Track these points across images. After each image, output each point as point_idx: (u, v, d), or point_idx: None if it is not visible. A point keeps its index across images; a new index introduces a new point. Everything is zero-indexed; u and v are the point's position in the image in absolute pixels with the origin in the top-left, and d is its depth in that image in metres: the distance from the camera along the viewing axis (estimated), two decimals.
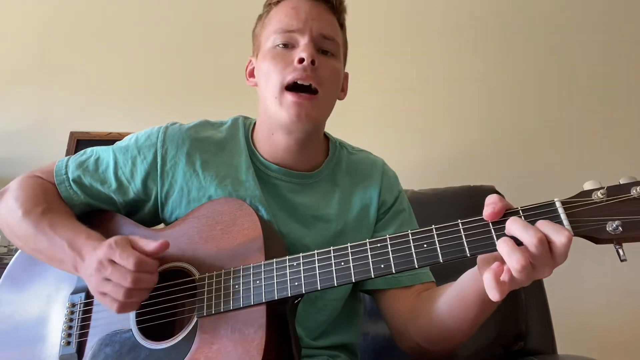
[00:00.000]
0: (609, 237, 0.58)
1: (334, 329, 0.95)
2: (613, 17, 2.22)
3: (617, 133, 2.08)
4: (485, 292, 0.63)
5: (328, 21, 0.92)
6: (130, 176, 0.93)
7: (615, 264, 2.13)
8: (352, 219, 0.96)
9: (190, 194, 0.92)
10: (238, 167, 0.94)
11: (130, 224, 0.93)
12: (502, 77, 2.17)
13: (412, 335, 0.88)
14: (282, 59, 0.88)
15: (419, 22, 2.22)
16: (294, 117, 0.86)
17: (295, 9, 0.90)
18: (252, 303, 0.76)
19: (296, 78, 0.86)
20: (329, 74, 0.90)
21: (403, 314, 0.90)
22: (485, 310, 0.75)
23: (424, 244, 0.67)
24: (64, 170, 0.94)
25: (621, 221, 0.57)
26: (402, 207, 1.01)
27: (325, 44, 0.90)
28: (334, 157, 1.01)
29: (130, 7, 2.19)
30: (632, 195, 0.58)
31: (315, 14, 0.90)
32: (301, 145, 0.94)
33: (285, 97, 0.87)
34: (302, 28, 0.88)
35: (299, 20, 0.88)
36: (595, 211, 0.59)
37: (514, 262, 0.58)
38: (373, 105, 2.13)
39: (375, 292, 0.96)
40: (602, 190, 0.59)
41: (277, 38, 0.89)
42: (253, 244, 0.80)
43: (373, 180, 1.00)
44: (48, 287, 0.93)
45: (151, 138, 0.95)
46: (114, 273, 0.76)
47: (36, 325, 0.91)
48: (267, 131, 0.95)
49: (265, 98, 0.91)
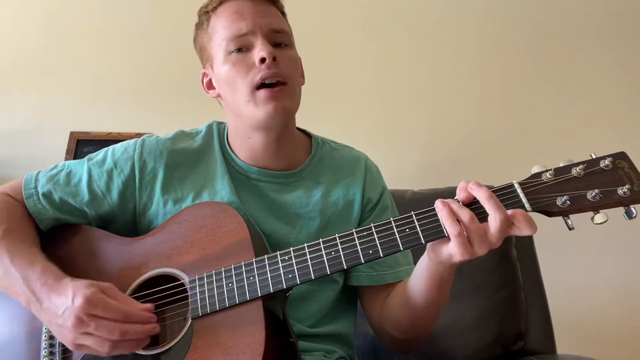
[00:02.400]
0: (559, 210, 0.69)
1: (329, 318, 0.96)
2: (611, 17, 2.21)
3: (617, 133, 2.07)
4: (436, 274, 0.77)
5: (272, 14, 0.92)
6: (106, 189, 0.93)
7: (615, 264, 2.13)
8: (335, 216, 0.97)
9: (167, 206, 0.92)
10: (214, 176, 0.95)
11: (105, 236, 0.91)
12: (503, 77, 2.16)
13: (386, 328, 0.93)
14: (242, 64, 0.88)
15: (419, 22, 2.22)
16: (271, 111, 0.87)
17: (238, 13, 0.89)
18: (248, 298, 0.76)
19: (263, 78, 0.86)
20: (290, 64, 0.91)
21: (379, 309, 0.94)
22: (442, 293, 0.81)
23: (406, 229, 0.74)
24: (33, 184, 0.92)
25: (569, 196, 0.69)
26: (386, 203, 1.03)
27: (278, 38, 0.91)
28: (316, 155, 1.01)
29: (131, 7, 2.19)
30: (573, 174, 0.70)
31: (259, 11, 0.90)
32: (279, 143, 0.94)
33: (258, 95, 0.87)
34: (252, 29, 0.88)
35: (246, 22, 0.88)
36: (547, 189, 0.70)
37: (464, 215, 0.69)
38: (373, 105, 2.13)
39: (359, 289, 0.99)
40: (550, 171, 0.71)
41: (229, 45, 0.89)
42: (241, 244, 0.81)
43: (356, 177, 1.01)
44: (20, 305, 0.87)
45: (128, 151, 0.95)
46: (98, 328, 0.72)
47: (12, 345, 0.87)
48: (243, 135, 0.95)
49: (235, 104, 0.91)
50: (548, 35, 2.20)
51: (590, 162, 0.71)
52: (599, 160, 0.70)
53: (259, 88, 0.87)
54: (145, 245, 0.87)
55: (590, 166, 0.70)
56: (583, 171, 0.70)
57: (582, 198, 0.68)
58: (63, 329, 0.74)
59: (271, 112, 0.87)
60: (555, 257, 1.71)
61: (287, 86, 0.89)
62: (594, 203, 0.67)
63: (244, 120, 0.92)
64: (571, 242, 1.56)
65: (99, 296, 0.74)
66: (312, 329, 0.94)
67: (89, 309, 0.72)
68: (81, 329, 0.72)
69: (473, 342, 1.31)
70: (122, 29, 2.17)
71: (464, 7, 2.22)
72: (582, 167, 0.70)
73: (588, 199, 0.68)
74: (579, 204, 0.68)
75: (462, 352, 1.30)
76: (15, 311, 0.88)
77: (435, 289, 0.80)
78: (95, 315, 0.72)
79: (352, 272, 0.97)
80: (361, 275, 0.96)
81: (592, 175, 0.69)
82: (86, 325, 0.72)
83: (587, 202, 0.68)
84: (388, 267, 0.95)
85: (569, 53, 2.18)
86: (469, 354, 1.30)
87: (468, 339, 1.31)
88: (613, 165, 0.69)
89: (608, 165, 0.69)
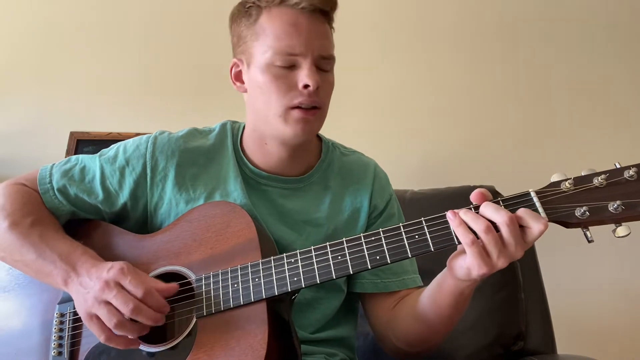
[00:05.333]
0: (578, 221, 0.66)
1: (331, 324, 0.96)
2: (608, 17, 2.22)
3: (616, 131, 2.08)
4: (456, 291, 0.74)
5: (326, 36, 0.90)
6: (119, 187, 0.93)
7: (615, 264, 2.13)
8: (342, 223, 0.97)
9: (179, 207, 0.92)
10: (226, 177, 0.94)
11: (118, 231, 0.92)
12: (503, 77, 2.16)
13: (392, 339, 0.91)
14: (284, 82, 0.86)
15: (419, 22, 2.22)
16: (299, 133, 0.87)
17: (295, 26, 0.85)
18: (252, 300, 0.76)
19: (302, 103, 0.86)
20: (328, 90, 0.91)
21: (384, 317, 0.93)
22: (459, 309, 0.79)
23: (415, 235, 0.72)
24: (48, 178, 0.92)
25: (588, 207, 0.66)
26: (392, 211, 1.02)
27: (324, 65, 0.89)
28: (326, 159, 1.01)
29: (131, 7, 2.18)
30: (594, 184, 0.67)
31: (315, 32, 0.86)
32: (294, 154, 0.94)
33: (292, 115, 0.86)
34: (304, 51, 0.85)
35: (300, 43, 0.84)
36: (565, 199, 0.67)
37: (479, 225, 0.66)
38: (373, 106, 2.13)
39: (362, 295, 0.98)
40: (569, 180, 0.68)
41: (276, 58, 0.85)
42: (249, 244, 0.81)
43: (365, 184, 1.00)
44: (31, 298, 0.91)
45: (140, 148, 0.94)
46: (117, 297, 0.74)
47: (21, 337, 0.89)
48: (259, 140, 0.94)
49: (264, 113, 0.89)
50: (548, 35, 2.20)
51: (613, 172, 0.67)
52: (623, 170, 0.66)
53: (293, 108, 0.86)
54: (156, 242, 0.88)
55: (613, 176, 0.66)
56: (605, 181, 0.66)
57: (603, 209, 0.65)
58: (88, 295, 0.77)
59: (299, 133, 0.87)
60: (555, 257, 1.71)
61: (320, 110, 0.89)
62: (616, 215, 0.64)
63: (268, 129, 0.91)
64: (571, 242, 1.55)
65: (132, 269, 0.77)
66: (314, 334, 0.93)
67: (119, 276, 0.76)
68: (104, 293, 0.75)
69: (473, 342, 1.31)
70: (122, 29, 2.17)
71: (467, 7, 2.22)
72: (604, 176, 0.66)
73: (610, 210, 0.64)
74: (600, 215, 0.65)
75: (462, 352, 1.30)
76: (29, 302, 0.91)
77: (453, 305, 0.78)
78: (121, 284, 0.75)
79: (356, 279, 0.96)
80: (365, 282, 0.95)
81: (615, 186, 0.66)
82: (110, 290, 0.75)
83: (609, 214, 0.65)
84: (393, 275, 0.94)
85: (573, 53, 2.18)
86: (469, 354, 1.30)
87: (468, 339, 1.31)
88: (638, 176, 0.65)
89: (633, 176, 0.65)
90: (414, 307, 0.85)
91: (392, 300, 0.93)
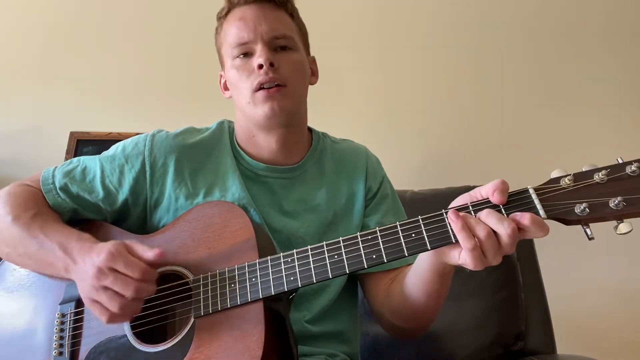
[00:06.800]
0: (578, 218, 0.65)
1: (331, 314, 0.97)
2: (609, 16, 2.22)
3: (616, 132, 2.08)
4: (440, 268, 0.76)
5: (276, 19, 0.96)
6: (118, 184, 0.95)
7: (616, 264, 2.12)
8: (341, 207, 1.00)
9: (179, 202, 0.94)
10: (225, 172, 0.97)
11: (118, 232, 0.93)
12: (502, 77, 2.16)
13: (387, 315, 0.94)
14: (244, 69, 0.93)
15: (419, 22, 2.22)
16: (268, 111, 0.91)
17: (243, 20, 0.94)
18: (249, 300, 0.77)
19: (261, 82, 0.91)
20: (291, 67, 0.95)
21: (381, 296, 0.95)
22: (444, 283, 0.81)
23: (412, 234, 0.72)
24: (50, 179, 0.95)
25: (588, 203, 0.64)
26: (386, 192, 1.06)
27: (279, 43, 0.95)
28: (318, 146, 1.05)
29: (130, 7, 2.19)
30: (595, 180, 0.65)
31: (262, 18, 0.94)
32: (282, 142, 0.98)
33: (256, 97, 0.92)
34: (254, 38, 0.93)
35: (249, 31, 0.93)
36: (564, 196, 0.66)
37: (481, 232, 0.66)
38: (373, 106, 2.13)
39: (360, 275, 1.01)
40: (569, 176, 0.66)
41: (234, 51, 0.94)
42: (246, 244, 0.82)
43: (358, 168, 1.05)
44: (34, 298, 0.92)
45: (138, 146, 0.97)
46: (116, 282, 0.75)
47: (24, 337, 0.90)
48: (248, 134, 1.00)
49: (240, 105, 0.97)
50: (548, 36, 2.20)
51: (614, 168, 0.65)
52: (625, 166, 0.65)
53: (257, 90, 0.92)
54: (156, 242, 0.89)
55: (614, 172, 0.65)
56: (606, 177, 0.65)
57: (604, 206, 0.63)
58: (84, 282, 0.78)
59: (268, 112, 0.91)
60: (555, 257, 1.71)
61: (286, 88, 0.93)
62: (617, 211, 0.63)
63: (248, 118, 0.97)
64: (571, 242, 1.55)
65: (122, 252, 0.77)
66: (313, 325, 0.94)
67: (110, 261, 0.76)
68: (100, 280, 0.76)
69: (473, 342, 1.31)
70: (122, 29, 2.17)
71: (466, 8, 2.22)
72: (605, 172, 0.65)
73: (610, 207, 0.63)
74: (600, 212, 0.63)
75: (462, 352, 1.30)
76: (33, 303, 0.92)
77: (437, 281, 0.80)
78: (115, 269, 0.76)
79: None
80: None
81: (617, 182, 0.64)
82: (105, 277, 0.75)
83: (609, 211, 0.63)
84: None
85: (572, 53, 2.18)
86: (469, 354, 1.30)
87: (468, 339, 1.31)
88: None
89: (635, 171, 0.64)
90: (404, 284, 0.87)
91: (388, 278, 0.96)
